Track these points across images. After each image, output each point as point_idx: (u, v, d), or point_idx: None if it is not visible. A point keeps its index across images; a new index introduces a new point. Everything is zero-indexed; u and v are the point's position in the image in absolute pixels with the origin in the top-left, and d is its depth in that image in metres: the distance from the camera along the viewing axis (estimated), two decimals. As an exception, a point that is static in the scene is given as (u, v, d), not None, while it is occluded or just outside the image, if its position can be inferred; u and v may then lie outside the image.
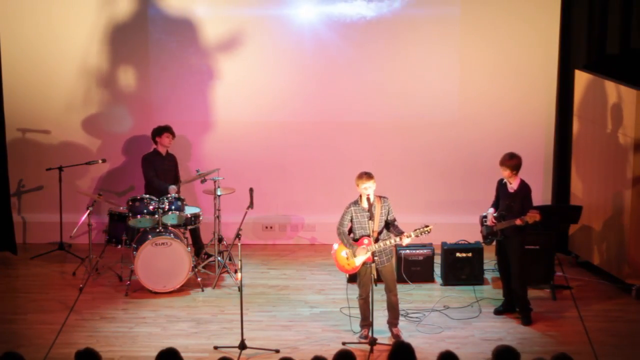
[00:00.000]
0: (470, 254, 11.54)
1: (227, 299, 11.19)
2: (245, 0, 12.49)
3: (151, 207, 11.36)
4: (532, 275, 11.06)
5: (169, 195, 11.43)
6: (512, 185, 10.45)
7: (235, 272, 10.57)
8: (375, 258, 9.87)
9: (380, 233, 9.95)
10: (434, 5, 12.44)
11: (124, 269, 11.62)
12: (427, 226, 9.89)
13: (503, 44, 12.49)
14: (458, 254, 11.55)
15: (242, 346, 9.75)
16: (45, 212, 12.87)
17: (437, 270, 11.75)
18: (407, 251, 11.57)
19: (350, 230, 10.06)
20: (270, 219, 13.00)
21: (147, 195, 11.44)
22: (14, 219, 12.56)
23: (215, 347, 9.92)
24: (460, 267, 11.56)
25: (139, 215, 11.36)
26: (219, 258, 11.80)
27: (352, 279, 10.70)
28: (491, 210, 10.63)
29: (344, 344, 9.89)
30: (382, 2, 12.46)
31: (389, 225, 10.01)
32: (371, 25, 12.51)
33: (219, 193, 11.70)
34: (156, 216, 11.34)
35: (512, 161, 10.38)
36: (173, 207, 11.43)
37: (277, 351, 9.77)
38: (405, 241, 9.93)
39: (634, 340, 10.18)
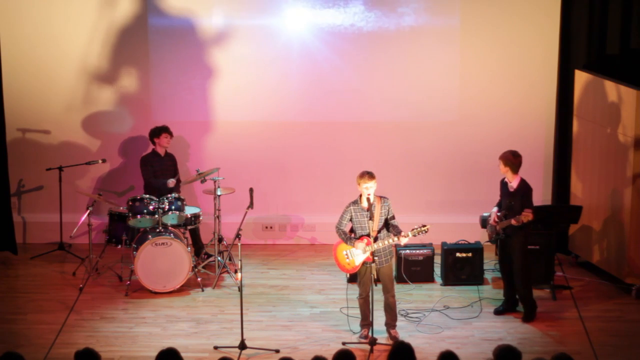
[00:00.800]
0: (470, 254, 11.54)
1: (227, 299, 11.18)
2: (247, 3, 12.48)
3: (151, 207, 11.35)
4: (532, 275, 11.04)
5: (168, 186, 11.44)
6: (512, 184, 10.45)
7: (235, 272, 10.57)
8: (375, 258, 9.86)
9: (379, 233, 9.95)
10: (434, 6, 12.43)
11: (124, 269, 11.61)
12: (424, 226, 9.89)
13: (503, 44, 12.49)
14: (458, 254, 11.54)
15: (242, 346, 9.74)
16: (45, 212, 12.86)
17: (437, 270, 11.75)
18: (407, 251, 11.57)
19: (351, 230, 10.06)
20: (270, 219, 12.99)
21: (147, 195, 11.44)
22: (14, 219, 12.55)
23: (215, 347, 9.91)
24: (460, 267, 11.55)
25: (139, 215, 11.36)
26: (219, 258, 11.79)
27: (352, 279, 10.70)
28: (495, 209, 10.62)
29: (344, 344, 9.88)
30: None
31: (389, 225, 10.01)
32: (372, 27, 12.49)
33: (219, 193, 11.70)
34: (156, 216, 11.34)
35: (515, 159, 10.37)
36: (173, 207, 11.42)
37: (277, 351, 9.76)
38: (403, 241, 9.93)
39: (633, 340, 10.17)
